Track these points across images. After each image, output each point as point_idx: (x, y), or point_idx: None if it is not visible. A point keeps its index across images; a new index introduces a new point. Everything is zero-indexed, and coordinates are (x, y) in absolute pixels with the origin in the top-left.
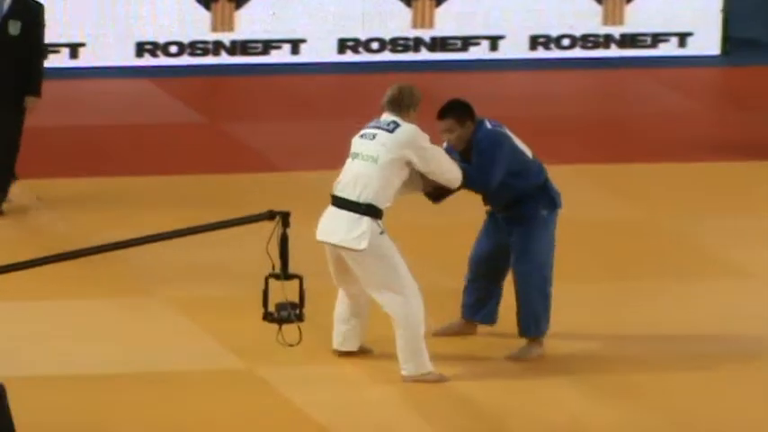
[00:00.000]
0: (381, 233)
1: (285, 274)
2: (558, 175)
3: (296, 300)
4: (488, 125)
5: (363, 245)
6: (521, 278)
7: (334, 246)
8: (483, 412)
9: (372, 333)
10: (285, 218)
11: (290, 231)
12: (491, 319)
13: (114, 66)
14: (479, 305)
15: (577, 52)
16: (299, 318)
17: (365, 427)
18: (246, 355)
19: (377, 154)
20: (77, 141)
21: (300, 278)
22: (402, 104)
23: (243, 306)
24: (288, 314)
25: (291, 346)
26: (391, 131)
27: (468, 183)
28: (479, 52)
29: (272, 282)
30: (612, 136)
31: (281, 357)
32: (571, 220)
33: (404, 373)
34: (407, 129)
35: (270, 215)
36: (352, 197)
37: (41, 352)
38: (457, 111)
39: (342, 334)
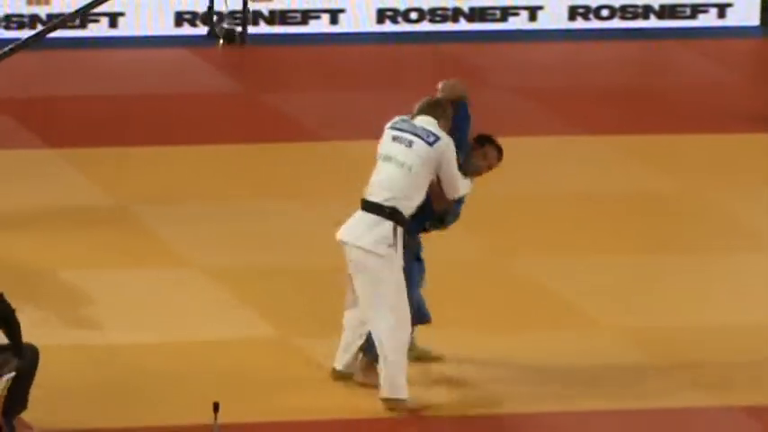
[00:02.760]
0: (400, 245)
1: None
2: (594, 147)
3: None
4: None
5: (381, 250)
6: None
7: (350, 246)
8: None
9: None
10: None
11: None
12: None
13: (151, 35)
14: None
15: (616, 23)
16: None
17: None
18: (282, 323)
19: (412, 163)
20: (114, 110)
21: None
22: (438, 112)
23: (279, 274)
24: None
25: None
26: (431, 144)
27: (452, 220)
28: (518, 22)
29: None
30: (650, 107)
31: (315, 327)
32: (606, 192)
33: (380, 394)
34: (445, 144)
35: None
36: (379, 199)
37: (78, 320)
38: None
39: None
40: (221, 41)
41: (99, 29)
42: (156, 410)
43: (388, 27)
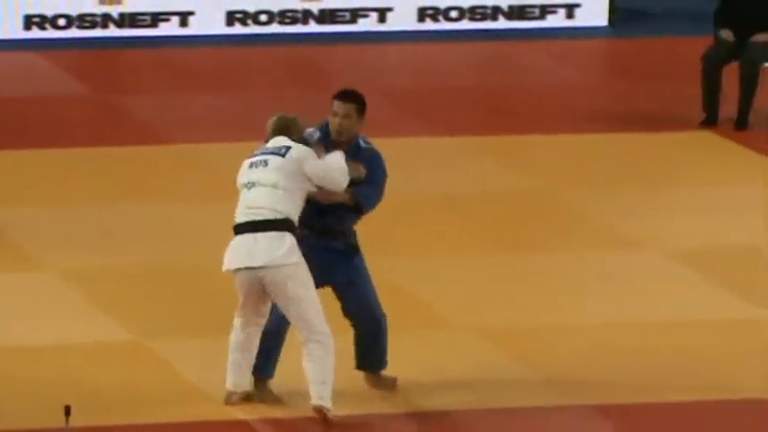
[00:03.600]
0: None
1: None
2: (453, 148)
3: None
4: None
5: (294, 258)
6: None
7: (256, 269)
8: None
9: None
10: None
11: (181, 210)
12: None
13: (1, 39)
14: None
15: (465, 24)
16: None
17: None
18: (136, 327)
19: (276, 179)
20: None
21: None
22: (291, 130)
23: (134, 277)
24: None
25: None
26: (283, 156)
27: (369, 201)
28: (368, 24)
29: None
30: (503, 108)
31: (170, 330)
32: (465, 193)
33: (321, 402)
34: (296, 149)
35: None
36: (268, 217)
37: None
38: (361, 102)
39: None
40: None
41: None
42: (5, 415)
43: (237, 29)
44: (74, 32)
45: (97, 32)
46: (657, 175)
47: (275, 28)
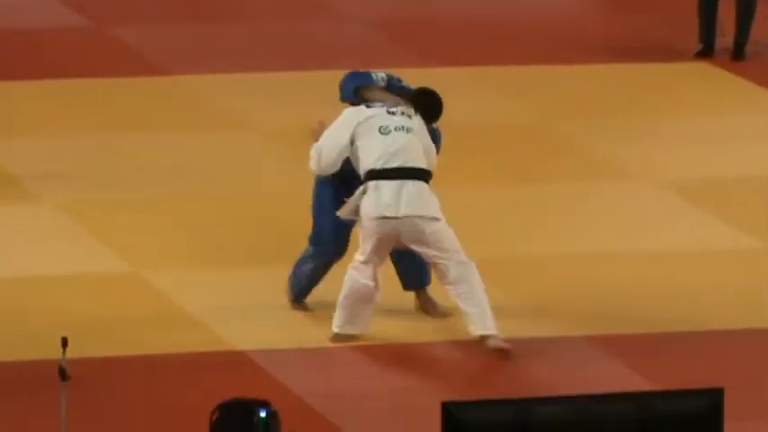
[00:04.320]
0: None
1: None
2: (448, 79)
3: None
4: None
5: (440, 215)
6: None
7: (409, 218)
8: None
9: None
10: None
11: (177, 140)
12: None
13: None
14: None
15: None
16: None
17: (253, 332)
18: (134, 258)
19: (409, 124)
20: None
21: None
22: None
23: (130, 207)
24: None
25: None
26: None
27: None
28: None
29: None
30: (499, 39)
31: (167, 262)
32: (461, 124)
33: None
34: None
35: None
36: (421, 165)
37: None
38: None
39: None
40: None
41: None
42: (2, 346)
43: None
44: None
45: None
46: (654, 105)
47: None
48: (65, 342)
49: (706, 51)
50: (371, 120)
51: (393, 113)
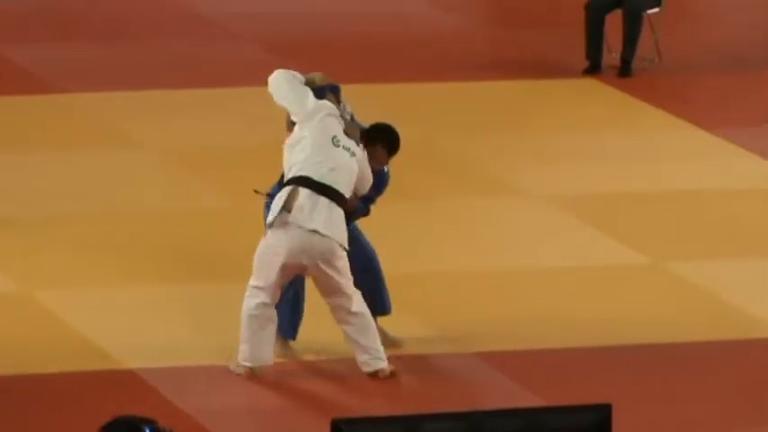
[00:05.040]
0: None
1: None
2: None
3: None
4: None
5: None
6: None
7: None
8: None
9: None
10: None
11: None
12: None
13: None
14: None
15: None
16: None
17: (145, 349)
18: (24, 278)
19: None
20: None
21: None
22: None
23: (19, 227)
24: None
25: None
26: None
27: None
28: None
29: None
30: (382, 56)
31: (55, 281)
32: None
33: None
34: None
35: None
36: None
37: None
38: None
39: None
40: None
41: None
42: None
43: None
44: None
45: None
46: (540, 122)
47: None
48: None
49: (593, 68)
50: (333, 122)
51: (346, 134)
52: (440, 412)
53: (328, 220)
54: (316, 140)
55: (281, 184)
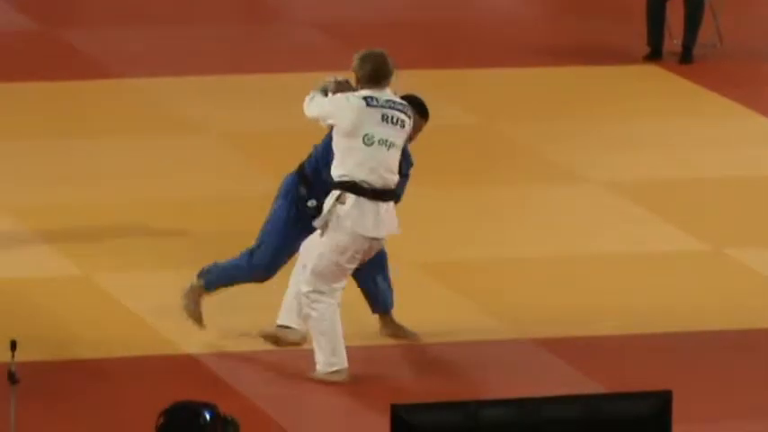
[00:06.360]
0: None
1: None
2: (396, 81)
3: None
4: None
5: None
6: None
7: (378, 240)
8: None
9: None
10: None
11: (127, 144)
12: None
13: None
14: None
15: None
16: None
17: (202, 336)
18: (83, 261)
19: (401, 145)
20: None
21: None
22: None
23: (81, 212)
24: None
25: None
26: (410, 118)
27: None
28: None
29: None
30: (445, 42)
31: (116, 264)
32: None
33: None
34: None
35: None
36: (392, 187)
37: None
38: None
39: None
40: None
41: None
42: None
43: None
44: None
45: None
46: (601, 108)
47: None
48: (14, 345)
49: (654, 55)
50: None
51: (386, 120)
52: (498, 399)
53: (386, 222)
54: (357, 144)
55: (299, 175)
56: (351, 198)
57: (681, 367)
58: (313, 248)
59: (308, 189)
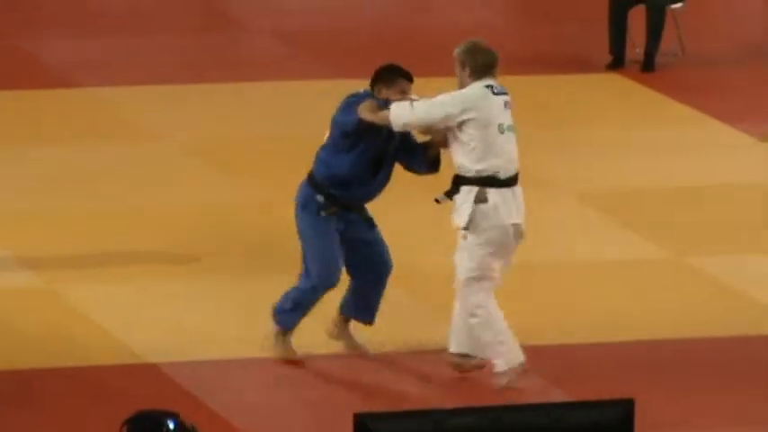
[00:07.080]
0: None
1: None
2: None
3: None
4: None
5: None
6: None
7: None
8: None
9: None
10: None
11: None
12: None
13: None
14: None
15: None
16: None
17: (168, 344)
18: (44, 271)
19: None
20: None
21: None
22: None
23: (44, 222)
24: None
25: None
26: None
27: None
28: None
29: None
30: (410, 50)
31: (78, 274)
32: None
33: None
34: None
35: None
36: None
37: None
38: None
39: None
40: None
41: None
42: None
43: None
44: None
45: None
46: (562, 116)
47: None
48: None
49: (616, 63)
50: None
51: (507, 107)
52: (464, 407)
53: (521, 207)
54: (493, 134)
55: (312, 184)
56: (491, 191)
57: (642, 376)
58: (461, 257)
59: (325, 195)
